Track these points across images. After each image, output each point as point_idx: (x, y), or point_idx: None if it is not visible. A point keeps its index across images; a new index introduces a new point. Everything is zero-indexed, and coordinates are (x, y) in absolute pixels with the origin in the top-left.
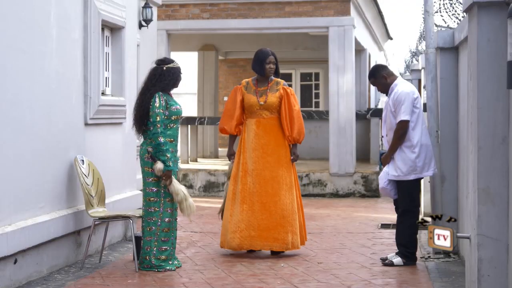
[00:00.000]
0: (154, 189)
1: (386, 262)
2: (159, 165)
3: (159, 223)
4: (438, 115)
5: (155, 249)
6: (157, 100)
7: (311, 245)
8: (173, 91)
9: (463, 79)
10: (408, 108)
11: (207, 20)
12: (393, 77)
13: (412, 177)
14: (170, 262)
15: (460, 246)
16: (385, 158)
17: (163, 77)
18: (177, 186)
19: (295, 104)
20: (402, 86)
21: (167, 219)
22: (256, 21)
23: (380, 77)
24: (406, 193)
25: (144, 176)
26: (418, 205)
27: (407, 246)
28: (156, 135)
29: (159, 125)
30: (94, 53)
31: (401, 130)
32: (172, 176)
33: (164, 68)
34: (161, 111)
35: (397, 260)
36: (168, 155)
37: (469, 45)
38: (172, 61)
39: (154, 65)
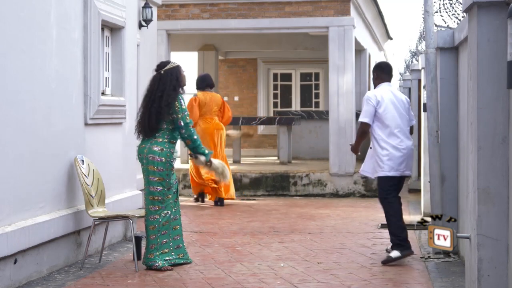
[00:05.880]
0: (159, 188)
1: (386, 260)
2: (202, 158)
3: (163, 221)
4: (438, 115)
5: (159, 247)
6: (182, 102)
7: (311, 245)
8: None
9: (463, 79)
10: (366, 112)
11: (207, 20)
12: (379, 81)
13: (378, 175)
14: (174, 255)
15: (460, 246)
16: (354, 147)
17: (165, 79)
18: (217, 164)
19: None
20: (374, 90)
21: (172, 217)
22: (256, 21)
23: (374, 74)
24: (378, 186)
25: (148, 175)
26: (391, 193)
27: (395, 234)
28: (191, 135)
29: (190, 126)
30: (94, 53)
31: (359, 131)
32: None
33: (162, 72)
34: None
35: (394, 252)
36: (202, 146)
37: (469, 45)
38: (168, 62)
39: (154, 72)
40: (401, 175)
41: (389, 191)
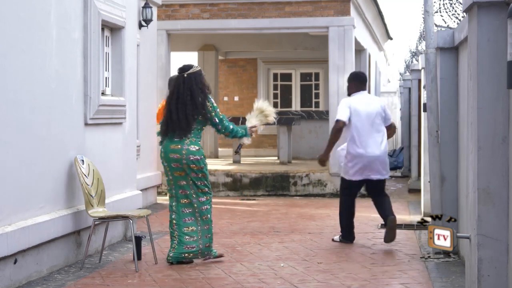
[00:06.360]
0: (205, 181)
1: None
2: (246, 141)
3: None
4: (438, 115)
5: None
6: (213, 101)
7: (311, 245)
8: None
9: (463, 79)
10: (342, 112)
11: (207, 20)
12: (354, 90)
13: (343, 176)
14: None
15: (460, 246)
16: (322, 157)
17: (190, 82)
18: (255, 122)
19: None
20: (349, 98)
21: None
22: (256, 21)
23: (352, 84)
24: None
25: (191, 172)
26: (344, 192)
27: (341, 224)
28: (227, 127)
29: (224, 120)
30: (94, 53)
31: (334, 129)
32: (249, 129)
33: (185, 75)
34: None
35: (336, 237)
36: (239, 129)
37: (469, 45)
38: (191, 66)
39: (176, 74)
40: (366, 179)
41: (344, 191)
